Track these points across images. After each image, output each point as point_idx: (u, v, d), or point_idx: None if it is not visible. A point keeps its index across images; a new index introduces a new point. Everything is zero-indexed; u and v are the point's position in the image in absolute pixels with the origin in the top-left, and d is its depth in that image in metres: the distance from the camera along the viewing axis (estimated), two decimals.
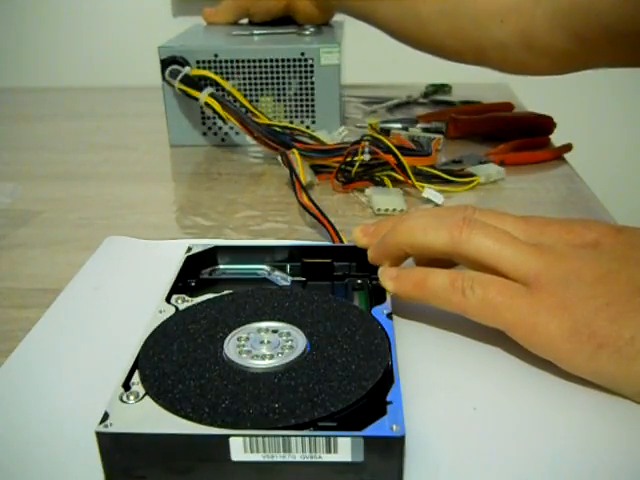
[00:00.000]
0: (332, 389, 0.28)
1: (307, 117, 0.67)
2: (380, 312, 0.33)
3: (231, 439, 0.25)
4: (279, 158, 0.55)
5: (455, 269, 0.35)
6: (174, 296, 0.35)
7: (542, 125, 0.69)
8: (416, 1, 0.64)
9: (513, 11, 0.58)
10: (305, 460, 0.25)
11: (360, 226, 0.40)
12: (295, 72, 0.65)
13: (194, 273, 0.39)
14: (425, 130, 0.68)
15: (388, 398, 0.26)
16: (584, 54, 0.57)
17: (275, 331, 0.32)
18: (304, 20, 0.76)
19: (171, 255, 0.40)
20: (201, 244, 0.40)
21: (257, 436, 0.25)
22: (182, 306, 0.34)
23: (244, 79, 0.66)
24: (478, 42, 0.61)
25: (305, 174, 0.53)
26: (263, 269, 0.40)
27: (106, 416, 0.26)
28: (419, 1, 0.64)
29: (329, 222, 0.46)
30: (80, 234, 0.49)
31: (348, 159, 0.54)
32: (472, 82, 0.86)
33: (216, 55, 0.65)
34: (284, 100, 0.67)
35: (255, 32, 0.72)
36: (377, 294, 0.37)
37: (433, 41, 0.65)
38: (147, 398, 0.27)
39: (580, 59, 0.58)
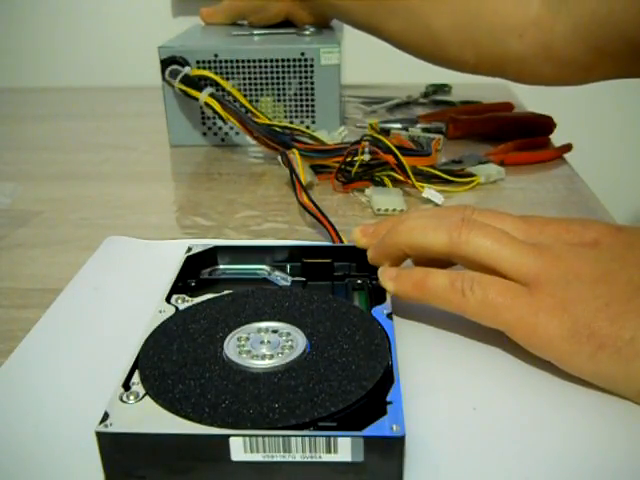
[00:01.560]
0: (332, 389, 0.28)
1: (307, 117, 0.67)
2: (380, 312, 0.33)
3: (231, 439, 0.25)
4: (279, 158, 0.55)
5: (454, 269, 0.35)
6: (174, 296, 0.35)
7: (542, 125, 0.69)
8: (426, 15, 0.62)
9: (532, 25, 0.57)
10: (305, 460, 0.25)
11: (360, 226, 0.40)
12: (295, 72, 0.65)
13: (194, 273, 0.39)
14: (425, 130, 0.68)
15: (388, 398, 0.26)
16: (605, 66, 0.56)
17: (275, 331, 0.32)
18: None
19: (171, 255, 0.40)
20: (201, 244, 0.40)
21: (257, 436, 0.25)
22: (182, 306, 0.34)
23: (244, 79, 0.66)
24: (496, 55, 0.61)
25: (305, 174, 0.53)
26: (263, 269, 0.40)
27: (106, 416, 0.26)
28: (430, 15, 0.62)
29: (329, 222, 0.46)
30: (80, 234, 0.49)
31: (348, 159, 0.54)
32: (472, 82, 0.86)
33: (216, 55, 0.65)
34: (284, 100, 0.67)
35: (255, 32, 0.73)
36: (377, 294, 0.37)
37: (447, 55, 0.64)
38: (147, 398, 0.27)
39: (601, 70, 0.57)
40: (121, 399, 0.27)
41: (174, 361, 0.30)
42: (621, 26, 0.51)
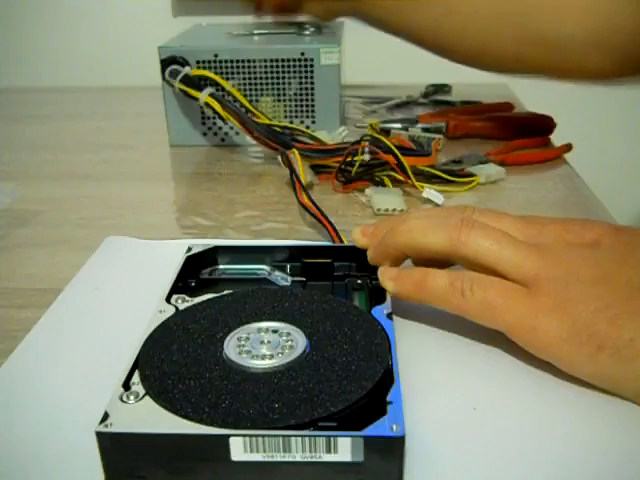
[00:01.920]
0: (332, 389, 0.28)
1: (307, 117, 0.67)
2: (380, 312, 0.33)
3: (231, 439, 0.25)
4: (279, 158, 0.55)
5: (453, 268, 0.35)
6: (174, 296, 0.35)
7: (542, 125, 0.69)
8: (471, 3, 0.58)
9: (591, 8, 0.54)
10: (305, 460, 0.25)
11: (360, 226, 0.40)
12: (295, 72, 0.65)
13: (194, 273, 0.39)
14: (425, 130, 0.68)
15: (388, 398, 0.27)
16: None
17: (275, 331, 0.32)
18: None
19: (171, 255, 0.40)
20: (201, 244, 0.40)
21: (257, 436, 0.25)
22: (182, 306, 0.34)
23: (244, 79, 0.66)
24: (542, 40, 0.56)
25: (305, 174, 0.53)
26: (263, 269, 0.40)
27: (106, 416, 0.26)
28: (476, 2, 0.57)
29: (329, 222, 0.46)
30: (80, 234, 0.49)
31: (348, 159, 0.54)
32: (472, 82, 0.86)
33: (216, 55, 0.65)
34: (284, 100, 0.67)
35: (255, 32, 0.72)
36: (377, 294, 0.37)
37: (473, 42, 0.59)
38: (147, 398, 0.27)
39: None
40: (121, 399, 0.27)
41: (174, 361, 0.30)
42: None
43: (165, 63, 0.65)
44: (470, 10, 0.58)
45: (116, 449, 0.25)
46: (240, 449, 0.25)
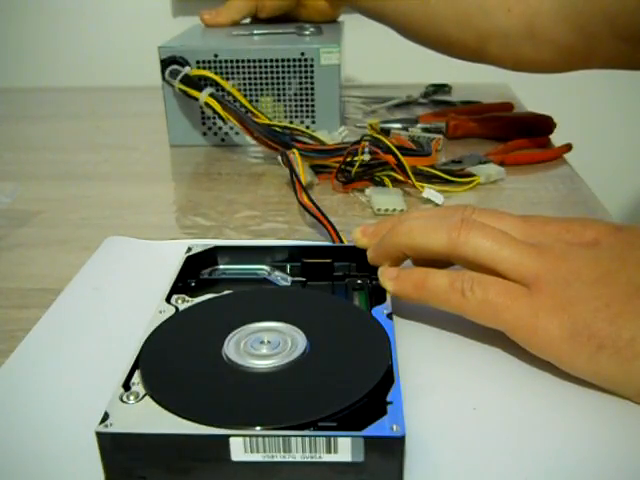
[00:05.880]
0: (332, 389, 0.28)
1: (307, 117, 0.67)
2: (380, 312, 0.33)
3: (231, 439, 0.25)
4: (279, 158, 0.55)
5: (453, 268, 0.35)
6: (174, 296, 0.35)
7: (542, 125, 0.69)
8: None
9: (521, 1, 0.58)
10: (305, 460, 0.25)
11: (360, 226, 0.40)
12: (295, 72, 0.65)
13: (194, 273, 0.39)
14: (425, 130, 0.68)
15: (388, 398, 0.27)
16: (586, 49, 0.56)
17: (275, 331, 0.32)
18: (314, 15, 0.77)
19: (171, 255, 0.40)
20: (201, 244, 0.40)
21: (257, 436, 0.25)
22: (182, 306, 0.34)
23: (244, 79, 0.66)
24: (482, 30, 0.61)
25: (305, 174, 0.53)
26: (263, 269, 0.40)
27: (106, 416, 0.26)
28: None
29: (329, 222, 0.46)
30: (80, 234, 0.49)
31: (348, 159, 0.54)
32: (472, 82, 0.86)
33: (216, 55, 0.65)
34: (284, 100, 0.67)
35: (255, 32, 0.72)
36: (377, 294, 0.37)
37: (438, 32, 0.64)
38: (147, 398, 0.27)
39: (582, 54, 0.58)
40: (121, 399, 0.27)
41: (174, 361, 0.30)
42: (604, 5, 0.52)
43: (165, 63, 0.65)
44: (434, 3, 0.63)
45: (116, 449, 0.25)
46: (240, 449, 0.25)
